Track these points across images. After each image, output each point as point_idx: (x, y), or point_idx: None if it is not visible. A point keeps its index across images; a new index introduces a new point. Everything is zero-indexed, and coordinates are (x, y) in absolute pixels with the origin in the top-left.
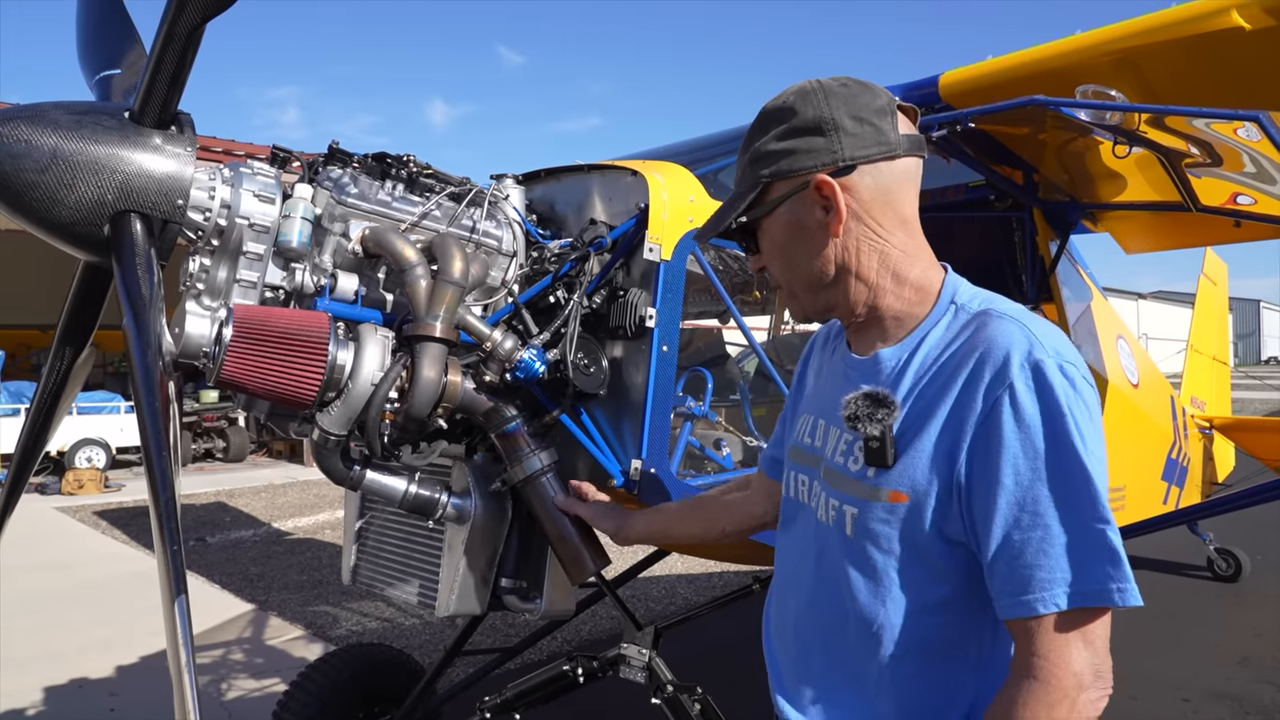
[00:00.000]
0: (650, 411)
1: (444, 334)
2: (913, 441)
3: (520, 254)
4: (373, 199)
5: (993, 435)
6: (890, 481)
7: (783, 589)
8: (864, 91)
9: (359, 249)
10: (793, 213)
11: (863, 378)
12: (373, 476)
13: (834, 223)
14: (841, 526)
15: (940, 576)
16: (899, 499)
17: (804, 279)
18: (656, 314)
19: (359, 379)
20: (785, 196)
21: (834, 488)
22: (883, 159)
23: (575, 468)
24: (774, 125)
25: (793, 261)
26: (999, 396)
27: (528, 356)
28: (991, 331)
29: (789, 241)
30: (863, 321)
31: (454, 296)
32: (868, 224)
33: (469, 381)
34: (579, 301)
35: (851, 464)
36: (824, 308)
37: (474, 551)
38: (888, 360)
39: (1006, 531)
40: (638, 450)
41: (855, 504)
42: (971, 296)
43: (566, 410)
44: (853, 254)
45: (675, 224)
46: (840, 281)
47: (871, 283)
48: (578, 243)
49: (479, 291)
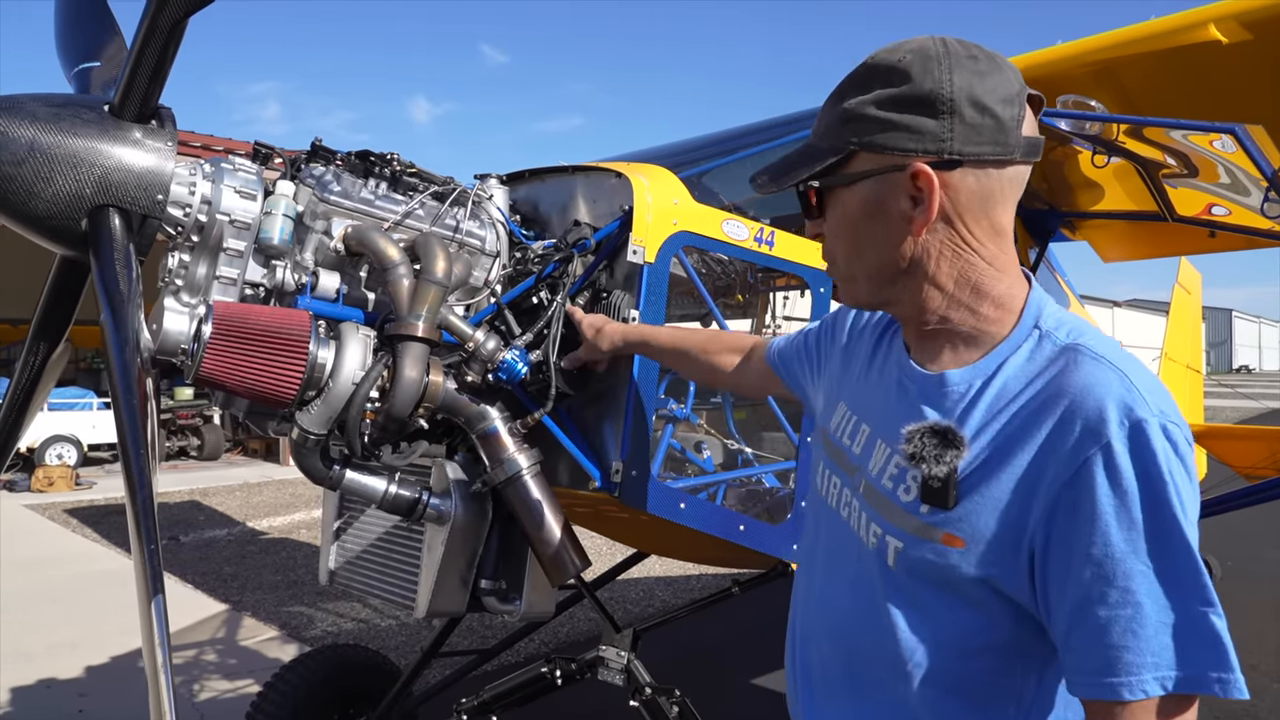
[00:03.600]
0: (631, 413)
1: (426, 334)
2: (979, 486)
3: (503, 254)
4: (355, 197)
5: (1081, 499)
6: (947, 523)
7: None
8: (994, 71)
9: (341, 247)
10: (875, 192)
11: (925, 398)
12: (352, 476)
13: (920, 219)
14: (882, 556)
15: (987, 623)
16: (953, 543)
17: (868, 267)
18: (639, 316)
19: (340, 378)
20: (871, 173)
21: (877, 512)
22: (995, 161)
23: (556, 468)
24: (879, 85)
25: (860, 245)
26: (1090, 457)
27: (510, 357)
28: (1084, 376)
29: (862, 222)
30: (931, 330)
31: (436, 296)
32: (958, 229)
33: (451, 382)
34: (562, 303)
35: (903, 493)
36: (883, 303)
37: (453, 552)
38: (957, 384)
39: (1090, 606)
40: (619, 452)
41: (901, 537)
42: (1058, 322)
43: (549, 412)
44: (932, 258)
45: (659, 227)
46: (910, 282)
47: (947, 292)
48: (561, 244)
49: (462, 292)
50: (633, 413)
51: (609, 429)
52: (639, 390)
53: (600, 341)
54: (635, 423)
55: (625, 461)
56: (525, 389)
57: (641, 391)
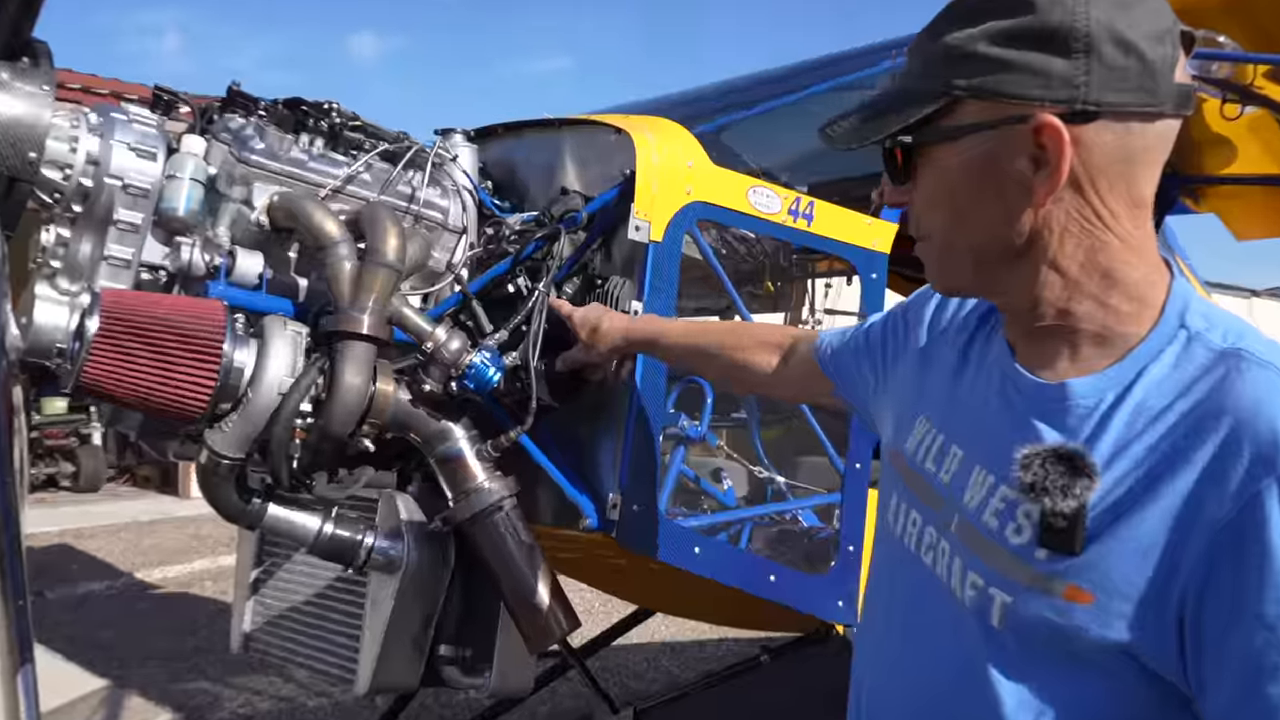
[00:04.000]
0: (632, 433)
1: (372, 330)
2: (1114, 526)
3: (471, 230)
4: (284, 157)
5: (1249, 543)
6: (1071, 573)
7: (881, 676)
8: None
9: (265, 220)
10: (986, 151)
11: (1039, 413)
12: (276, 512)
13: (1043, 186)
14: (983, 612)
15: (1119, 698)
16: (1080, 597)
17: (971, 244)
18: (644, 309)
19: (262, 386)
20: (982, 126)
21: (977, 557)
22: (1140, 114)
23: (537, 502)
24: (993, 15)
25: (962, 217)
26: (1260, 491)
27: (479, 361)
28: (1252, 389)
29: (967, 188)
30: (1045, 326)
31: (386, 283)
32: (1090, 199)
33: (403, 392)
34: (545, 292)
35: (1013, 534)
36: (986, 289)
37: (405, 610)
38: (1083, 396)
39: (1260, 681)
40: (617, 482)
41: (1011, 590)
42: (1210, 321)
43: (528, 430)
44: (1055, 234)
45: (668, 196)
46: (1024, 264)
47: (1071, 278)
48: (544, 217)
49: (418, 277)
50: (635, 431)
51: (605, 452)
52: (643, 402)
53: (598, 341)
54: (638, 444)
55: (625, 493)
56: (498, 400)
57: (646, 404)
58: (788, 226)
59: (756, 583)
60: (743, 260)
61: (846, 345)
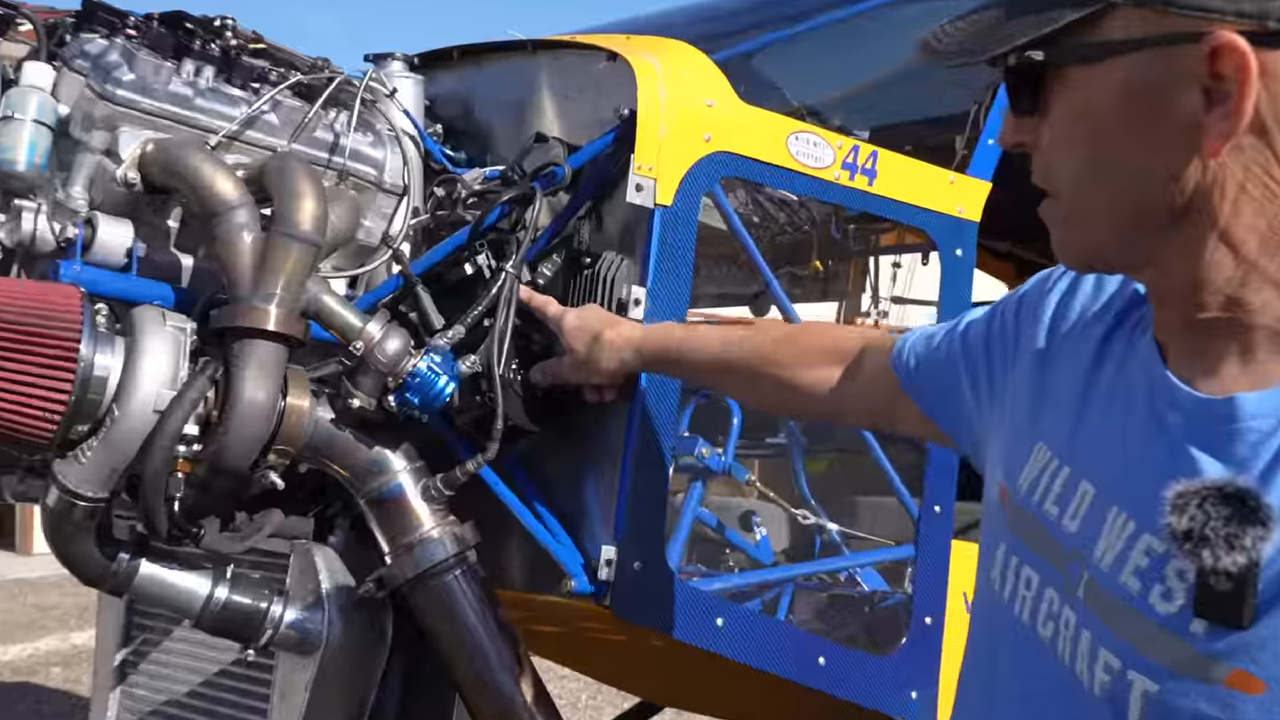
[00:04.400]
0: (632, 465)
1: (281, 326)
2: None
3: (415, 191)
4: (161, 92)
5: None
6: (1238, 652)
7: None
8: None
9: (135, 177)
10: (1143, 78)
11: (1199, 437)
12: (151, 572)
13: (1217, 128)
14: (1119, 703)
15: None
16: (1248, 685)
17: (1114, 202)
18: (648, 297)
19: (132, 402)
20: (1141, 44)
21: (1111, 629)
22: None
23: (506, 558)
24: None
25: (1105, 165)
26: None
27: (426, 367)
28: None
29: (1113, 127)
30: (1209, 320)
31: (300, 262)
32: (1278, 151)
33: (324, 408)
34: (515, 274)
35: (1159, 599)
36: (1132, 263)
37: (325, 704)
38: (1257, 416)
39: None
40: (611, 530)
41: (1155, 674)
42: None
43: (491, 461)
44: (1228, 195)
45: (681, 144)
46: (1185, 233)
47: (1246, 256)
48: (513, 173)
49: (343, 254)
50: (635, 462)
51: (596, 490)
52: (646, 423)
53: (599, 356)
54: (640, 479)
55: (622, 546)
56: (452, 421)
57: (650, 425)
58: (842, 185)
59: (801, 667)
60: (781, 231)
61: (935, 352)
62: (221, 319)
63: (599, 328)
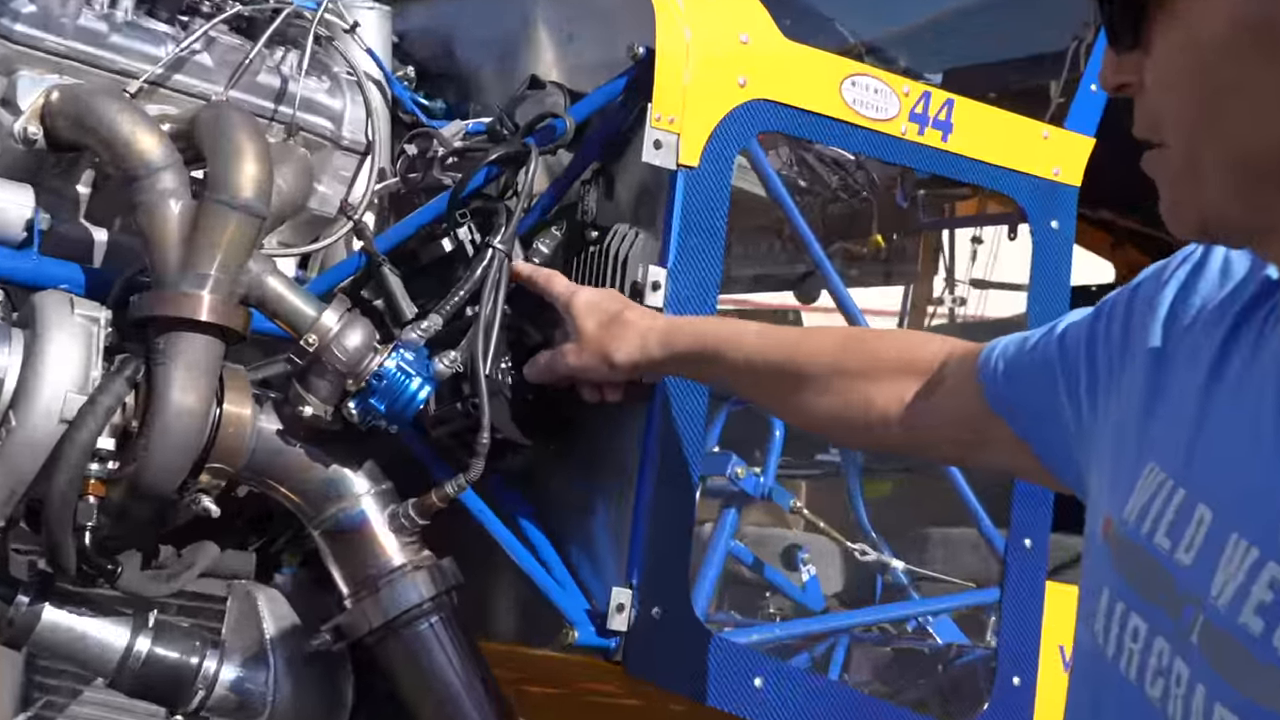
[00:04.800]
0: (649, 488)
1: (218, 315)
2: None
3: (381, 149)
4: (69, 26)
5: None
6: None
7: None
8: None
9: (37, 132)
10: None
11: None
12: (56, 619)
13: None
14: None
15: None
16: None
17: (1232, 150)
18: (668, 280)
19: (32, 410)
20: None
21: (1227, 681)
22: None
23: (492, 602)
24: None
25: (1222, 110)
26: None
27: (394, 366)
28: None
29: (1231, 64)
30: None
31: (239, 236)
32: None
33: (268, 418)
34: (506, 251)
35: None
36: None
37: None
38: None
39: None
40: (623, 569)
41: None
42: None
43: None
44: None
45: (710, 91)
46: None
47: None
48: (502, 127)
49: (292, 226)
50: (654, 483)
51: (605, 518)
52: (668, 433)
53: (616, 341)
54: (660, 505)
55: (639, 588)
56: (427, 434)
57: (675, 436)
58: (910, 141)
59: None
60: (834, 198)
61: (1029, 360)
62: (143, 306)
63: (618, 307)
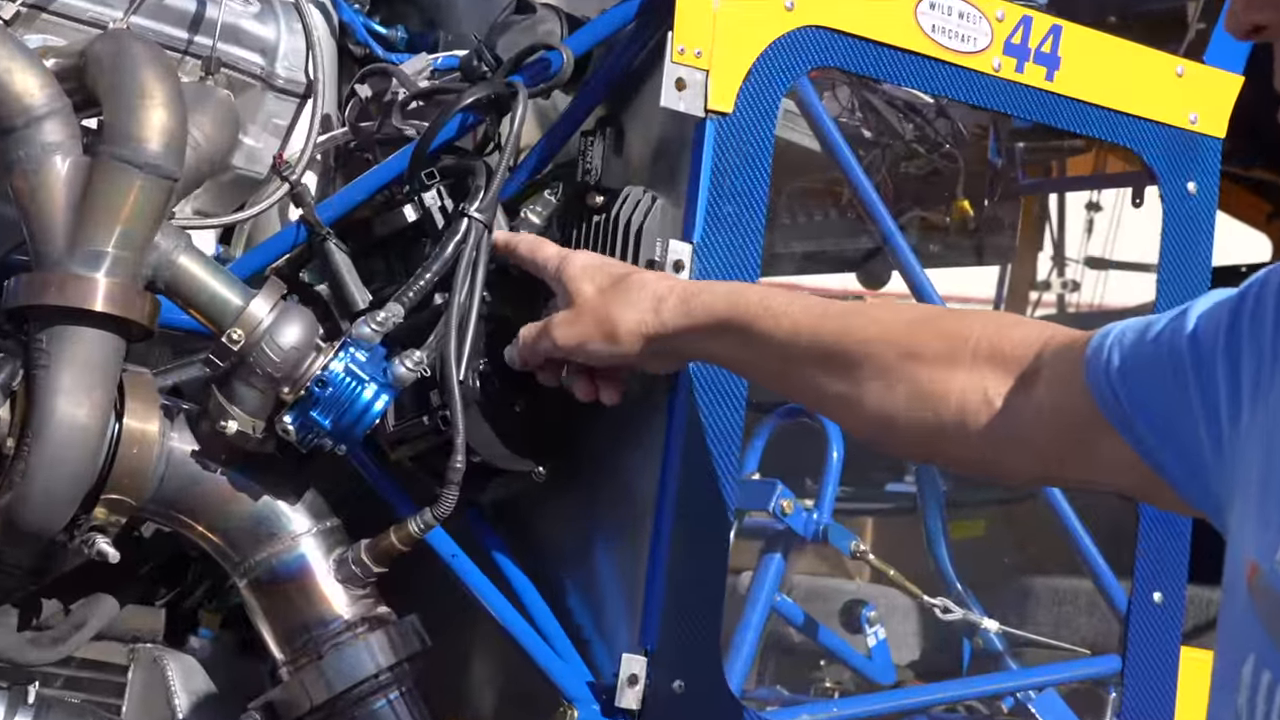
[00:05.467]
0: (669, 527)
1: (117, 305)
2: None
3: (326, 90)
4: None
5: None
6: None
7: None
8: None
9: None
10: None
11: None
12: None
13: None
14: None
15: None
16: None
17: None
18: (694, 257)
19: None
20: None
21: None
22: None
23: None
24: None
25: None
26: None
27: (343, 369)
28: None
29: None
30: None
31: (145, 203)
32: None
33: (182, 436)
34: (486, 222)
35: None
36: None
37: None
38: None
39: None
40: (636, 631)
41: None
42: None
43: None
44: None
45: (748, 17)
46: None
47: None
48: (481, 62)
49: (213, 190)
50: (674, 517)
51: (612, 565)
52: (695, 453)
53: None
54: (683, 548)
55: (655, 654)
56: (386, 455)
57: (704, 457)
58: (1006, 80)
59: None
60: (908, 154)
61: (1151, 351)
62: (20, 294)
63: (624, 270)
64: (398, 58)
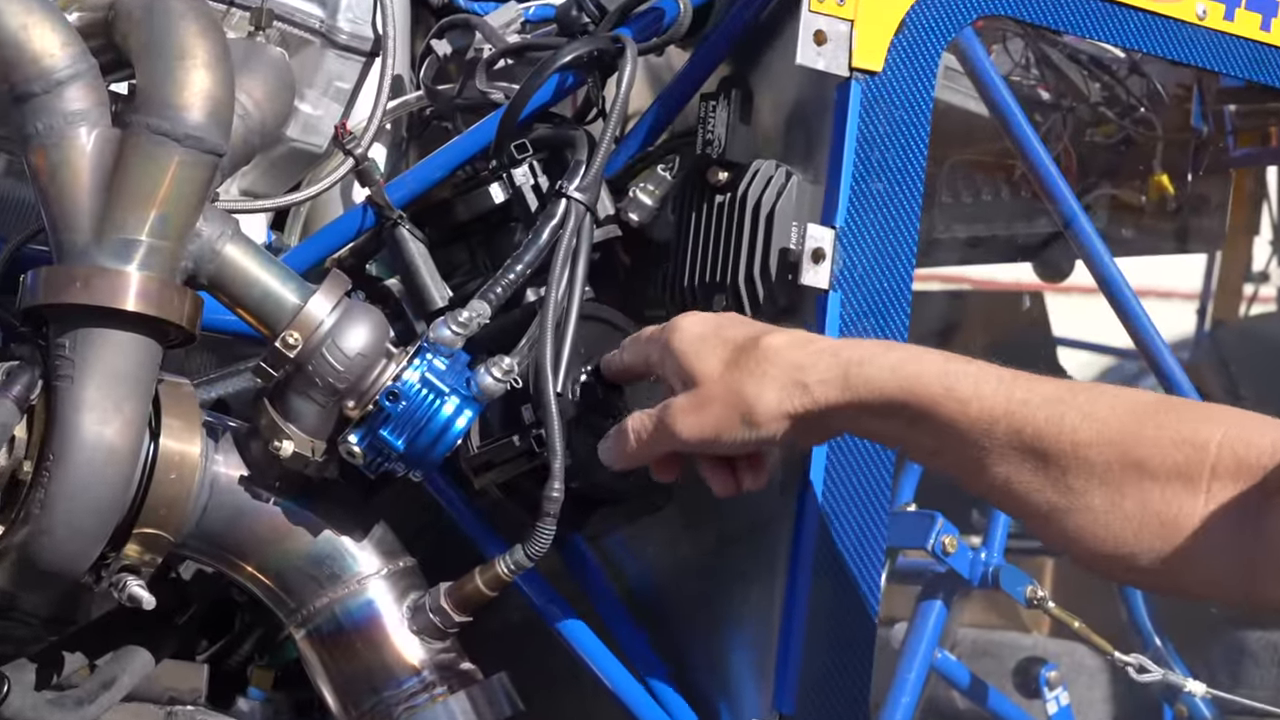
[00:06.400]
0: (807, 570)
1: (151, 304)
2: None
3: (397, 49)
4: None
5: None
6: None
7: None
8: None
9: None
10: None
11: None
12: None
13: None
14: None
15: None
16: None
17: None
18: (837, 245)
19: None
20: None
21: None
22: None
23: None
24: None
25: None
26: None
27: (418, 380)
28: None
29: None
30: None
31: (184, 184)
32: None
33: (227, 459)
34: (587, 204)
35: None
36: None
37: None
38: None
39: None
40: (768, 694)
41: None
42: None
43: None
44: None
45: None
46: None
47: None
48: (581, 12)
49: (264, 167)
50: (814, 557)
51: (737, 614)
52: (837, 482)
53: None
54: (823, 594)
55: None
56: (469, 483)
57: (850, 485)
58: (1211, 29)
59: None
60: (1094, 120)
61: None
62: (39, 291)
63: (747, 331)
64: (482, 8)
